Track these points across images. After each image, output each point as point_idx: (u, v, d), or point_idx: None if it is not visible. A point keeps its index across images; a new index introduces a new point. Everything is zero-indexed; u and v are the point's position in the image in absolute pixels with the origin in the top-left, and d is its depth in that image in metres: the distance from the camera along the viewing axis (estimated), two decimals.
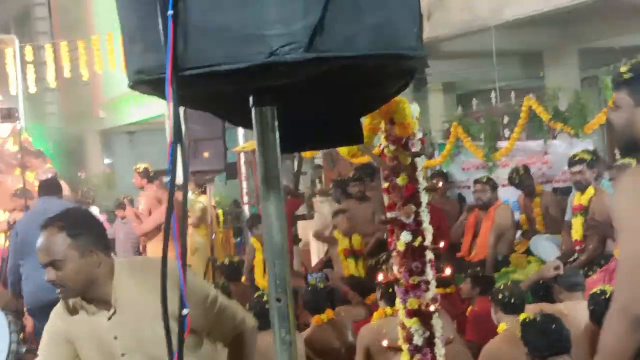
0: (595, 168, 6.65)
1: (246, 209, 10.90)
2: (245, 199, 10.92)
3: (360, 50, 1.32)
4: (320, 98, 1.54)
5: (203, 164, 7.99)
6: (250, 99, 1.46)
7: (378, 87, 1.57)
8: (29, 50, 14.06)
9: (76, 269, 2.56)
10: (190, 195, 9.41)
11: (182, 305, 1.27)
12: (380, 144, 3.97)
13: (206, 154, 8.03)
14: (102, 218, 9.40)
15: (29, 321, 7.27)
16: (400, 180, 3.85)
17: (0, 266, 7.36)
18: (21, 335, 6.38)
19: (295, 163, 10.74)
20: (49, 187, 6.88)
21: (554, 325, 3.73)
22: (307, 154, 10.02)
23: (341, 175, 10.33)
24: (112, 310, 2.61)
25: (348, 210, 7.89)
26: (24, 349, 5.07)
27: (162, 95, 1.29)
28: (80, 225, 2.62)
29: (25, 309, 7.46)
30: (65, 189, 8.69)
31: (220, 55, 1.28)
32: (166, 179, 1.22)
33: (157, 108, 13.78)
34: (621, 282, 2.22)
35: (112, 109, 16.31)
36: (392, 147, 3.85)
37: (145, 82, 1.36)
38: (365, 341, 4.92)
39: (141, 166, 9.15)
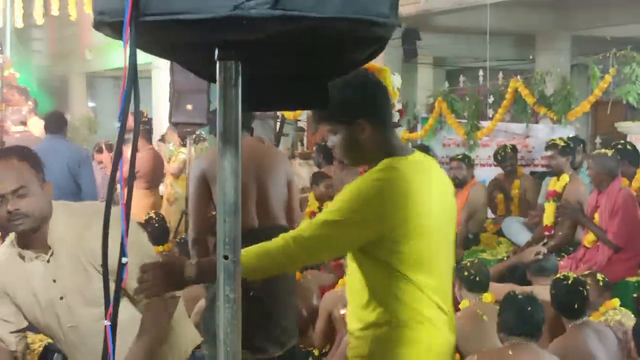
0: (569, 155, 6.69)
1: None
2: None
3: (329, 12, 1.29)
4: (289, 57, 1.52)
5: (186, 116, 7.92)
6: (215, 51, 1.44)
7: (348, 53, 1.54)
8: None
9: (39, 200, 2.55)
10: (171, 146, 9.37)
11: (122, 254, 1.26)
12: None
13: (189, 107, 7.96)
14: None
15: None
16: None
17: None
18: None
19: (278, 124, 10.69)
20: (55, 123, 6.81)
21: (530, 308, 3.76)
22: (289, 115, 9.98)
23: (324, 140, 10.30)
24: (50, 252, 2.59)
25: (329, 177, 7.86)
26: None
27: (121, 39, 1.26)
28: (37, 158, 2.61)
29: None
30: None
31: (185, 4, 1.25)
32: (117, 124, 1.20)
33: (145, 55, 13.59)
34: None
35: (99, 52, 16.11)
36: None
37: (107, 24, 1.33)
38: (328, 306, 4.96)
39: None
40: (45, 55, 18.61)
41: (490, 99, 9.30)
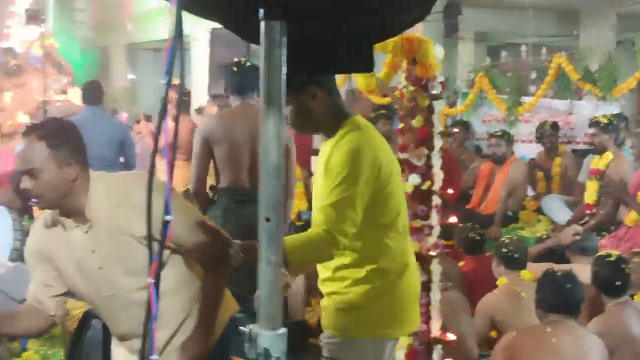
0: (612, 132, 6.57)
1: None
2: None
3: None
4: (333, 19, 1.49)
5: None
6: (260, 11, 1.41)
7: (395, 13, 1.51)
8: None
9: (52, 180, 2.51)
10: None
11: (166, 212, 1.25)
12: (400, 84, 3.91)
13: None
14: None
15: None
16: (415, 122, 3.80)
17: (15, 168, 7.41)
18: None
19: None
20: (92, 93, 6.83)
21: (569, 285, 3.72)
22: None
23: (362, 114, 10.23)
24: (88, 224, 2.59)
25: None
26: None
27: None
28: (60, 136, 2.56)
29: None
30: None
31: None
32: (162, 80, 1.18)
33: (184, 27, 13.62)
34: None
35: (139, 23, 16.16)
36: (411, 88, 3.79)
37: None
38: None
39: (177, 80, 9.10)
40: (88, 26, 18.71)
41: (533, 75, 9.14)
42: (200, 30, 11.95)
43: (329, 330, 2.91)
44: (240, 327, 1.46)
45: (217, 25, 1.58)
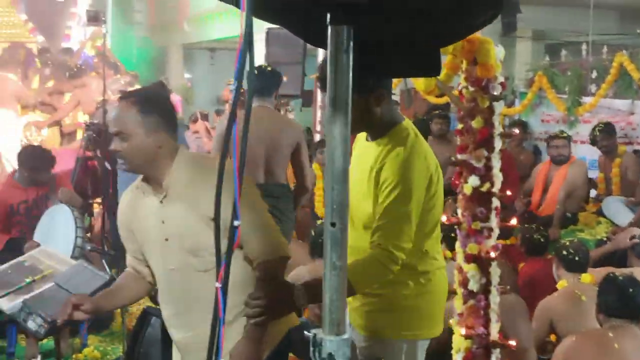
0: None
1: (317, 138, 10.87)
2: (318, 127, 10.88)
3: None
4: (401, 23, 1.48)
5: (280, 88, 7.98)
6: (328, 16, 1.41)
7: (464, 17, 1.49)
8: None
9: (139, 145, 2.63)
10: None
11: (234, 216, 1.25)
12: (459, 84, 3.86)
13: (284, 78, 8.01)
14: None
15: (97, 223, 7.50)
16: (475, 123, 3.74)
17: (75, 167, 7.57)
18: (88, 234, 6.59)
19: None
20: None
21: (631, 290, 3.65)
22: None
23: (416, 115, 10.18)
24: (163, 194, 2.67)
25: None
26: (88, 247, 5.21)
27: (233, 4, 1.25)
28: (152, 104, 2.67)
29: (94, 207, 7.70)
30: None
31: None
32: (232, 86, 1.19)
33: (240, 27, 13.72)
34: None
35: (196, 23, 16.33)
36: (471, 88, 3.74)
37: None
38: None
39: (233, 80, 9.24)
40: (145, 27, 19.01)
41: (594, 74, 8.97)
42: (256, 31, 12.01)
43: (361, 331, 2.91)
44: (305, 332, 1.46)
45: (273, 25, 1.58)
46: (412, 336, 2.90)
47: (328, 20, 1.41)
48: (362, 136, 3.00)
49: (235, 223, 1.25)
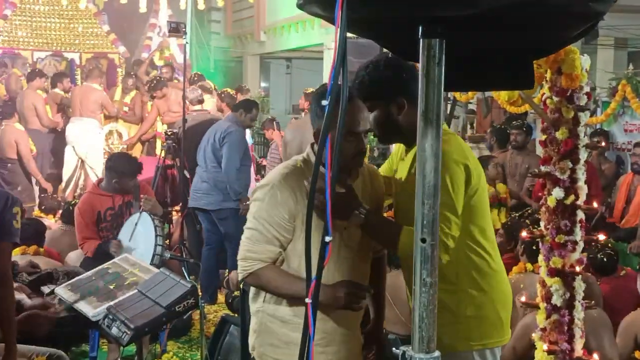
0: None
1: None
2: None
3: None
4: (493, 36, 1.45)
5: None
6: (420, 28, 1.39)
7: (557, 30, 1.46)
8: None
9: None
10: None
11: (325, 232, 1.24)
12: (543, 94, 3.78)
13: None
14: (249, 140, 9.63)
15: (176, 231, 7.62)
16: (559, 134, 3.66)
17: (155, 175, 7.72)
18: (167, 241, 6.69)
19: (449, 106, 10.52)
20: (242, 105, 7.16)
21: None
22: (461, 98, 9.79)
23: (494, 124, 10.03)
24: None
25: (493, 156, 7.69)
26: (168, 255, 5.28)
27: (329, 15, 1.24)
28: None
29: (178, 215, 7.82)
30: (227, 110, 8.98)
31: None
32: (324, 102, 1.18)
33: (317, 36, 13.80)
34: None
35: (272, 33, 16.48)
36: (555, 99, 3.66)
37: (315, 1, 1.32)
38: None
39: (310, 89, 9.41)
40: (223, 37, 19.28)
41: None
42: (332, 39, 12.06)
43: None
44: (394, 349, 1.43)
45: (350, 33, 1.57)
46: (480, 346, 2.85)
47: (420, 33, 1.39)
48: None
49: (327, 239, 1.24)
